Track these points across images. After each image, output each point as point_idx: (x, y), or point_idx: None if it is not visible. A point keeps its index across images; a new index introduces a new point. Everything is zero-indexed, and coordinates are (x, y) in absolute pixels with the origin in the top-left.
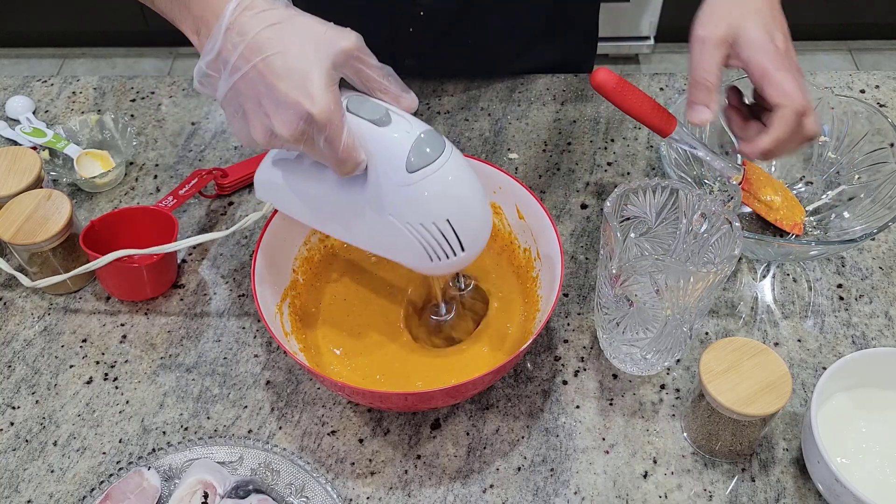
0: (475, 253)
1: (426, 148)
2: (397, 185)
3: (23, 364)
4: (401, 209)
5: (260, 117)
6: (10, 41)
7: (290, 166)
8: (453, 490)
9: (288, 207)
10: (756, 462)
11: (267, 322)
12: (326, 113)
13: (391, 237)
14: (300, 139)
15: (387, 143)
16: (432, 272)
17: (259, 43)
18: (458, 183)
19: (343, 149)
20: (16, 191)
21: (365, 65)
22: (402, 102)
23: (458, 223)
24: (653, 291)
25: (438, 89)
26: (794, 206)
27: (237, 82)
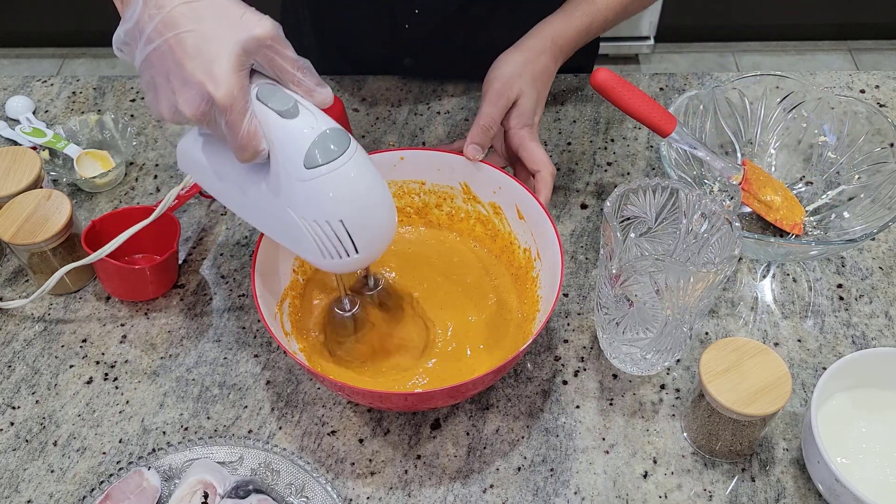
0: (371, 256)
1: (331, 145)
2: (295, 179)
3: (23, 364)
4: (296, 203)
5: (167, 93)
6: (10, 41)
7: (209, 141)
8: (453, 490)
9: (205, 183)
10: (756, 462)
11: (267, 322)
12: (229, 97)
13: (289, 228)
14: (202, 119)
15: (289, 135)
16: (328, 269)
17: (174, 18)
18: (356, 184)
19: (243, 135)
20: (16, 191)
21: (278, 54)
22: (316, 97)
23: (353, 225)
24: (653, 291)
25: (438, 89)
26: (794, 206)
27: (150, 54)
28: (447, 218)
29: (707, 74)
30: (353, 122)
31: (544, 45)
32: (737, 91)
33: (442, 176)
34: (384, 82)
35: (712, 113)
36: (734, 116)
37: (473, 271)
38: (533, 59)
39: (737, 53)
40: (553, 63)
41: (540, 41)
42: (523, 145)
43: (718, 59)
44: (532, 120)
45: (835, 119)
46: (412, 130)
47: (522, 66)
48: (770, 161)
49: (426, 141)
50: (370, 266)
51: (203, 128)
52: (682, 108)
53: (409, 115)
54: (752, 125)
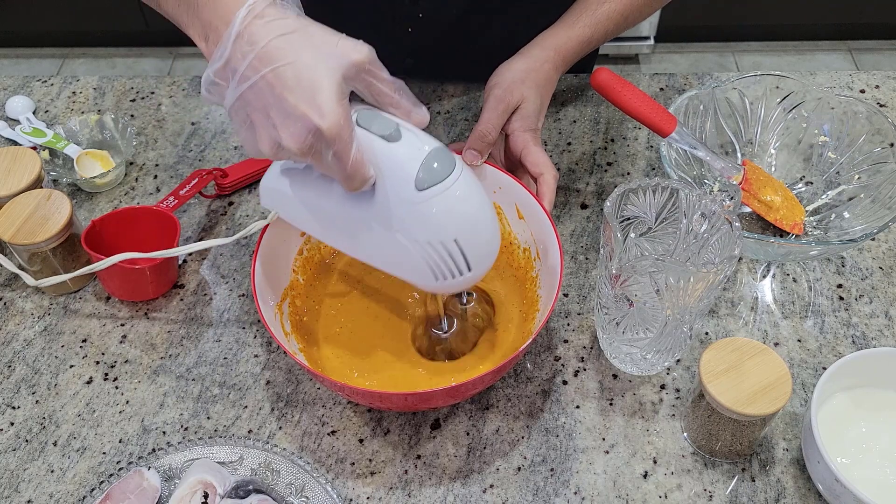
0: (482, 273)
1: (436, 165)
2: (406, 203)
3: (23, 364)
4: (408, 227)
5: (268, 129)
6: (10, 41)
7: (297, 176)
8: (453, 490)
9: (293, 217)
10: (756, 462)
11: (267, 322)
12: (336, 127)
13: (397, 254)
14: (308, 153)
15: (396, 159)
16: (437, 291)
17: (269, 53)
18: (467, 202)
19: (352, 164)
20: (16, 191)
21: (376, 78)
22: (414, 117)
23: (466, 243)
24: (653, 291)
25: (439, 90)
26: (794, 206)
27: (245, 92)
28: None
29: (707, 74)
30: None
31: (547, 55)
32: (737, 91)
33: None
34: None
35: (712, 113)
36: (734, 116)
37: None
38: (536, 66)
39: (737, 53)
40: (555, 72)
41: (542, 51)
42: (527, 148)
43: (718, 59)
44: (536, 124)
45: (835, 119)
46: None
47: (525, 73)
48: (770, 161)
49: None
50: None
51: (307, 161)
52: (682, 108)
53: None
54: (752, 125)
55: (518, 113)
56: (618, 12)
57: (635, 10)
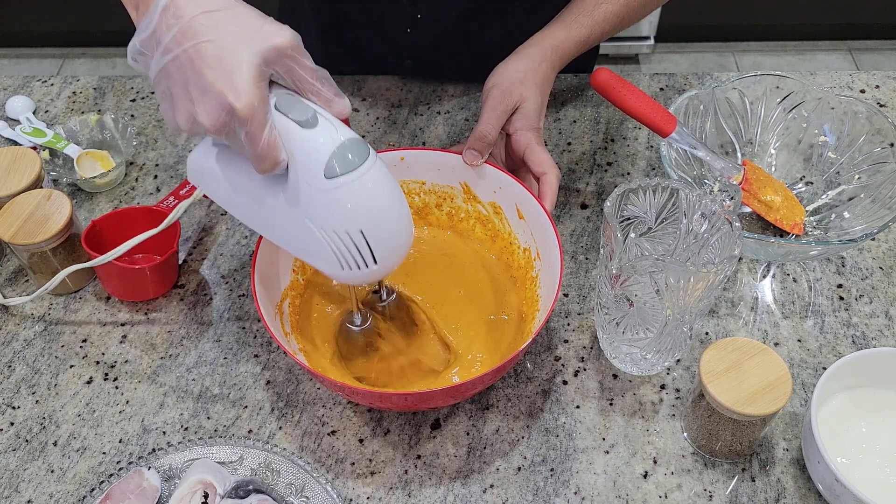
0: (390, 267)
1: (349, 155)
2: (314, 190)
3: (23, 364)
4: (316, 214)
5: (185, 103)
6: (10, 41)
7: (223, 153)
8: (453, 490)
9: (216, 195)
10: (756, 462)
11: (267, 322)
12: (249, 108)
13: (306, 240)
14: (221, 130)
15: (309, 145)
16: (345, 281)
17: (193, 28)
18: (376, 194)
19: (263, 146)
20: (16, 191)
21: (298, 64)
22: (335, 107)
23: (373, 236)
24: (653, 291)
25: (438, 90)
26: (794, 206)
27: (168, 64)
28: (447, 218)
29: (707, 74)
30: (354, 122)
31: (544, 55)
32: (737, 91)
33: (442, 176)
34: (384, 82)
35: (712, 113)
36: (734, 116)
37: (473, 271)
38: (535, 66)
39: (737, 53)
40: (552, 72)
41: (540, 50)
42: (530, 148)
43: (718, 59)
44: (538, 123)
45: (835, 119)
46: (412, 130)
47: (524, 73)
48: (770, 161)
49: (426, 141)
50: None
51: (220, 139)
52: (682, 108)
53: (409, 115)
54: (752, 125)
55: (519, 113)
56: (614, 13)
57: (631, 11)
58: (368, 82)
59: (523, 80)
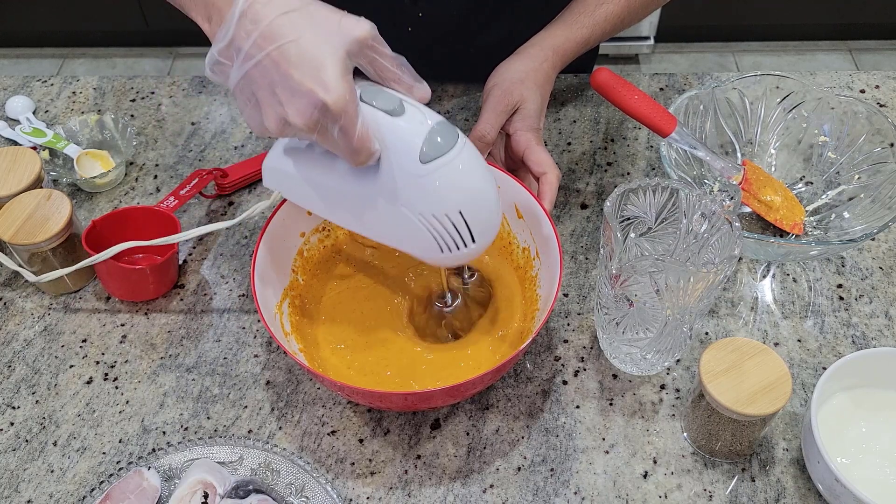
0: (486, 244)
1: (439, 139)
2: (410, 176)
3: (23, 364)
4: (413, 200)
5: (273, 106)
6: (10, 41)
7: (300, 155)
8: (453, 490)
9: (297, 196)
10: (756, 462)
11: (267, 322)
12: (341, 102)
13: (402, 228)
14: (314, 128)
15: (400, 133)
16: (442, 263)
17: (273, 31)
18: (470, 174)
19: (357, 139)
20: (16, 191)
21: (379, 54)
22: (416, 93)
23: (470, 214)
24: (653, 291)
25: (439, 90)
26: (794, 206)
27: (250, 70)
28: None
29: (707, 74)
30: None
31: (545, 55)
32: (737, 91)
33: None
34: None
35: (712, 113)
36: (734, 116)
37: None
38: (535, 66)
39: (737, 53)
40: (553, 72)
41: (541, 50)
42: (530, 148)
43: (718, 59)
44: (538, 124)
45: (835, 119)
46: None
47: (524, 74)
48: (770, 161)
49: None
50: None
51: (311, 137)
52: (682, 108)
53: None
54: (752, 125)
55: (519, 113)
56: (615, 14)
57: (632, 12)
58: None
59: (524, 80)
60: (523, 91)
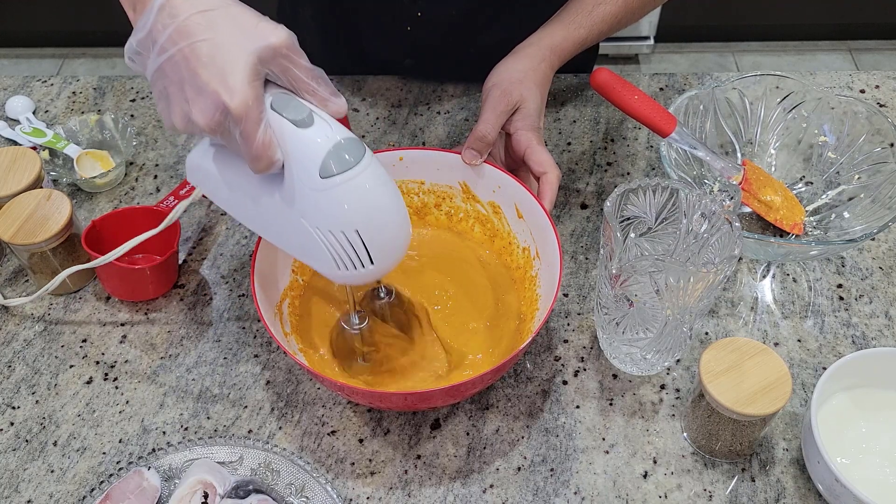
0: (386, 267)
1: (345, 155)
2: (310, 189)
3: (23, 364)
4: (311, 213)
5: (180, 102)
6: (10, 41)
7: (221, 153)
8: (453, 490)
9: (214, 195)
10: (756, 462)
11: (267, 322)
12: (243, 107)
13: (302, 240)
14: (216, 129)
15: (304, 145)
16: (341, 281)
17: (188, 27)
18: (371, 194)
19: (257, 145)
20: (16, 191)
21: (293, 64)
22: (331, 107)
23: (368, 235)
24: (653, 291)
25: (438, 89)
26: (794, 206)
27: (163, 64)
28: (446, 218)
29: (707, 74)
30: (353, 122)
31: (543, 54)
32: (737, 91)
33: (441, 175)
34: (384, 82)
35: (712, 113)
36: (734, 116)
37: (472, 271)
38: (534, 66)
39: (737, 53)
40: (551, 71)
41: (539, 50)
42: (531, 147)
43: (718, 59)
44: (538, 123)
45: (835, 119)
46: (412, 130)
47: (523, 73)
48: (770, 161)
49: (426, 141)
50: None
51: (216, 138)
52: (682, 108)
53: (409, 114)
54: (752, 125)
55: (519, 113)
56: (612, 14)
57: (629, 12)
58: (368, 82)
59: (523, 79)
60: (523, 91)
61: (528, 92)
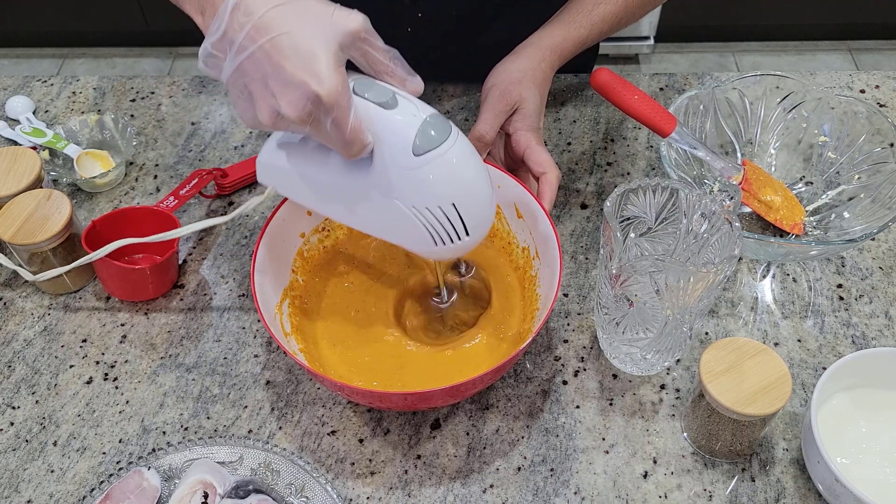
0: (479, 237)
1: (432, 131)
2: (403, 169)
3: (23, 364)
4: (406, 192)
5: (266, 98)
6: (10, 41)
7: (294, 149)
8: (453, 490)
9: (291, 191)
10: (756, 462)
11: (267, 322)
12: (334, 94)
13: (396, 221)
14: (307, 120)
15: (393, 126)
16: (436, 256)
17: (266, 23)
18: (463, 167)
19: (350, 131)
20: (16, 191)
21: (371, 47)
22: (408, 86)
23: (464, 207)
24: (653, 291)
25: (438, 89)
26: (794, 206)
27: (243, 63)
28: None
29: (707, 74)
30: None
31: (543, 54)
32: (737, 91)
33: None
34: None
35: (712, 113)
36: (734, 116)
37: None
38: (533, 66)
39: (737, 53)
40: (550, 71)
41: (538, 50)
42: (530, 148)
43: (718, 59)
44: (537, 123)
45: (835, 119)
46: None
47: (522, 73)
48: (770, 161)
49: None
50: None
51: (304, 130)
52: (682, 108)
53: None
54: (752, 125)
55: (519, 113)
56: (612, 14)
57: (629, 12)
58: None
59: (522, 80)
60: (522, 91)
61: (527, 92)
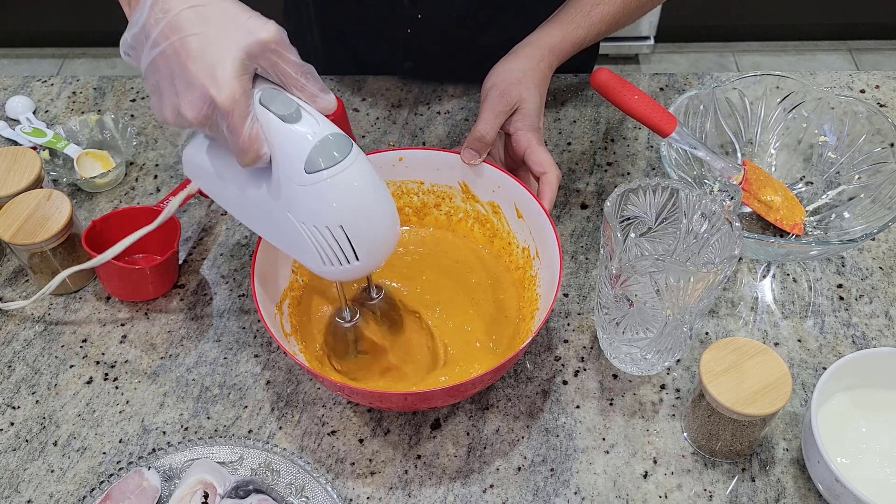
0: (372, 264)
1: (332, 151)
2: (295, 184)
3: (23, 364)
4: (297, 208)
5: (171, 96)
6: (10, 41)
7: (214, 148)
8: (453, 490)
9: (209, 190)
10: (756, 462)
11: (267, 322)
12: (230, 101)
13: (290, 234)
14: (204, 123)
15: (290, 139)
16: (329, 276)
17: (179, 22)
18: (357, 190)
19: (245, 139)
20: (16, 191)
21: (282, 59)
22: (319, 103)
23: (353, 231)
24: (653, 291)
25: (438, 90)
26: (794, 206)
27: (156, 58)
28: (446, 218)
29: (707, 74)
30: (353, 122)
31: (542, 54)
32: (737, 91)
33: (441, 175)
34: (384, 82)
35: (712, 113)
36: (734, 116)
37: (472, 271)
38: (533, 66)
39: (737, 53)
40: (549, 71)
41: (537, 50)
42: (531, 147)
43: (718, 59)
44: (538, 123)
45: (835, 119)
46: (412, 130)
47: (522, 73)
48: (770, 161)
49: (426, 141)
50: (372, 275)
51: (205, 132)
52: (682, 108)
53: (409, 115)
54: (752, 125)
55: (519, 113)
56: (610, 15)
57: (627, 13)
58: (368, 82)
59: (521, 80)
60: (521, 91)
61: (526, 92)
